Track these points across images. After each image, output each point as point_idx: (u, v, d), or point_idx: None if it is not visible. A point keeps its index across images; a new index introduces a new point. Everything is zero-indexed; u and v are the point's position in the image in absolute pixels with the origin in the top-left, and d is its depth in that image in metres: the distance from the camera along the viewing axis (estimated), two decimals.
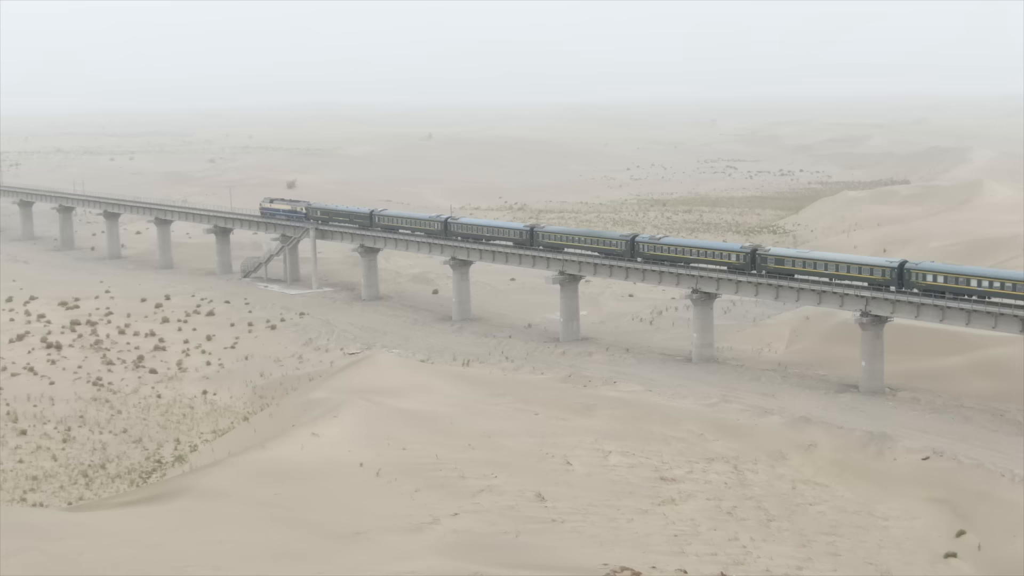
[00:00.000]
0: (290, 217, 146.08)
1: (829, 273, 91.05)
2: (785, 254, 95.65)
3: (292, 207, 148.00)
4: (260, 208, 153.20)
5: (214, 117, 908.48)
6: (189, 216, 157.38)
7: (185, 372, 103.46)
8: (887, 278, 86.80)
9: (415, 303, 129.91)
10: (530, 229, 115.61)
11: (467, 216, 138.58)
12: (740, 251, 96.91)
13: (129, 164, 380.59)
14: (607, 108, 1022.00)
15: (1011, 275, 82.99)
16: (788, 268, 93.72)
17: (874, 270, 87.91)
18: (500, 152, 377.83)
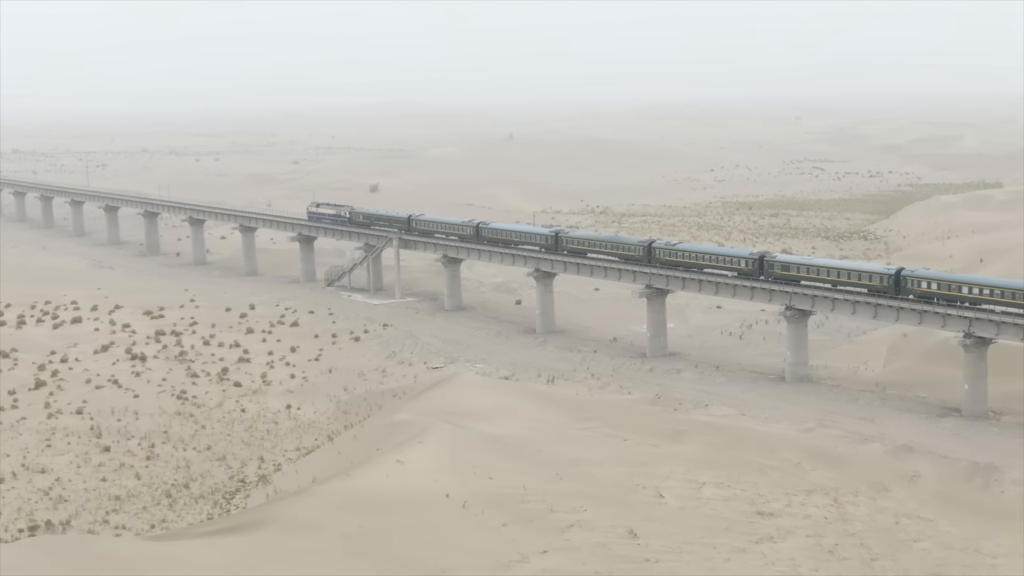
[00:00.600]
0: (334, 221, 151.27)
1: (831, 279, 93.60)
2: (791, 261, 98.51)
3: (336, 211, 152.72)
4: (307, 212, 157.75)
5: (297, 117, 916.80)
6: (273, 224, 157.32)
7: (269, 385, 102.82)
8: (885, 284, 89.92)
9: (498, 314, 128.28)
10: (555, 234, 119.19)
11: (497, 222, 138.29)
12: (749, 257, 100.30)
13: (214, 165, 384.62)
14: (687, 105, 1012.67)
15: (1000, 283, 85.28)
16: (793, 274, 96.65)
17: (872, 276, 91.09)
18: (581, 153, 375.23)
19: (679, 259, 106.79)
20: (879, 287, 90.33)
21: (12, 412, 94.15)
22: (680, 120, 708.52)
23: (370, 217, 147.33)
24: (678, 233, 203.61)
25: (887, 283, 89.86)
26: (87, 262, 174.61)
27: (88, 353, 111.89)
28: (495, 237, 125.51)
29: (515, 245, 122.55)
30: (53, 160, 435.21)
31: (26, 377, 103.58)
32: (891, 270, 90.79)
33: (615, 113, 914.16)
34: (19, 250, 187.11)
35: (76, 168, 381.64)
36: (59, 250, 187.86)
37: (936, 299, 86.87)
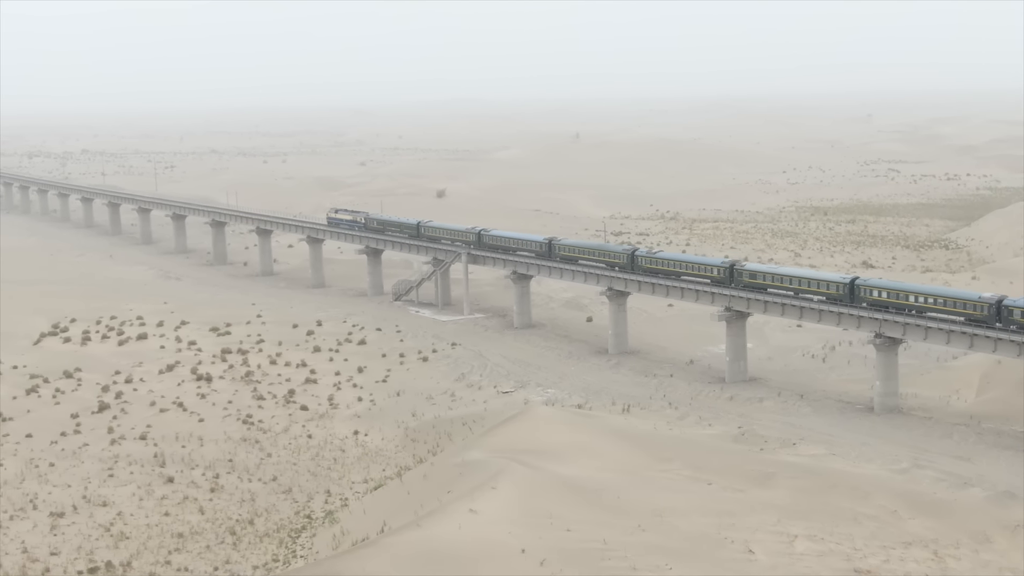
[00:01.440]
0: (351, 227, 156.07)
1: (793, 287, 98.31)
2: (757, 269, 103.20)
3: (353, 217, 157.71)
4: (327, 218, 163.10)
5: (365, 115, 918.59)
6: (341, 236, 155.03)
7: (336, 409, 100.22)
8: (840, 293, 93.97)
9: (569, 332, 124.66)
10: (548, 241, 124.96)
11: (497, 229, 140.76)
12: (720, 265, 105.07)
13: (282, 167, 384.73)
14: (751, 101, 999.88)
15: (943, 292, 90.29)
16: (760, 283, 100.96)
17: (829, 285, 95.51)
18: (649, 154, 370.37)
19: (659, 267, 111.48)
20: (835, 295, 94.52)
21: (75, 438, 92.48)
22: (747, 117, 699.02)
23: (383, 223, 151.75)
24: (752, 242, 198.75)
25: (842, 292, 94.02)
26: (154, 272, 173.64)
27: (153, 373, 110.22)
28: (494, 243, 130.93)
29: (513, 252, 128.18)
30: (122, 161, 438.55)
31: (90, 399, 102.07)
32: (846, 279, 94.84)
33: (679, 110, 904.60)
34: (86, 258, 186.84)
35: (145, 170, 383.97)
36: (126, 259, 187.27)
37: (888, 308, 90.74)
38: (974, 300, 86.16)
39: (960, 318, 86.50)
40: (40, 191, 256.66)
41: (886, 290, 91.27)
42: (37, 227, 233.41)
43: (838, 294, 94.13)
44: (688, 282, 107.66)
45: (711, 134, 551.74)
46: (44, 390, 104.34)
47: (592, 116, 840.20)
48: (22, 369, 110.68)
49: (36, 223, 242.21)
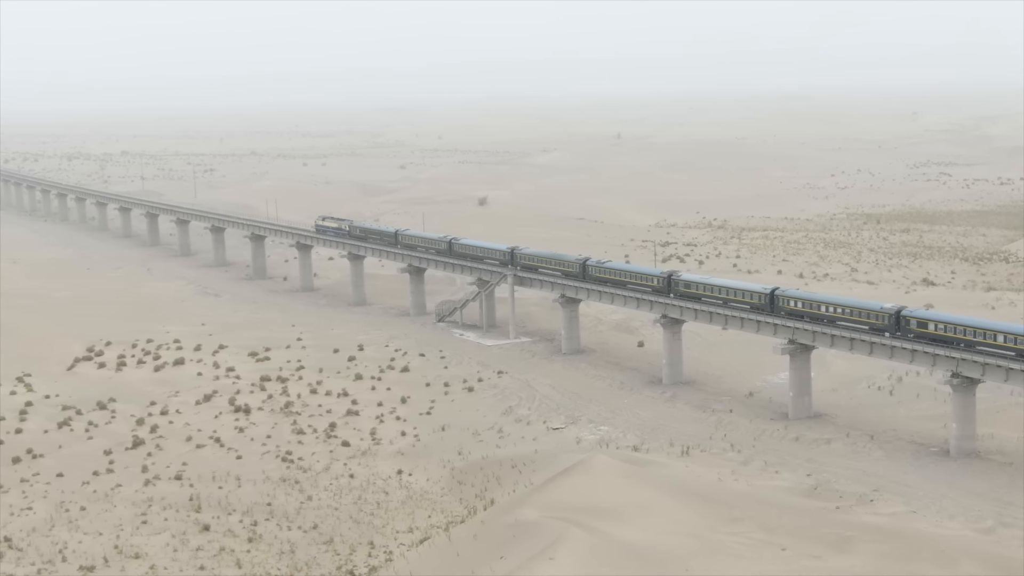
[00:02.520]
0: (338, 234, 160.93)
1: (722, 297, 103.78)
2: (691, 279, 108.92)
3: (339, 225, 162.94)
4: (315, 225, 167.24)
5: (404, 114, 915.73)
6: (383, 254, 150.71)
7: (379, 445, 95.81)
8: (762, 303, 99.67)
9: (619, 358, 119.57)
10: (511, 250, 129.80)
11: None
12: (659, 276, 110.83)
13: (321, 171, 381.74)
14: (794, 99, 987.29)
15: (849, 302, 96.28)
16: (694, 292, 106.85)
17: (753, 295, 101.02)
18: (694, 157, 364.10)
19: (607, 276, 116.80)
20: (758, 304, 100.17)
21: (107, 477, 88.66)
22: (789, 116, 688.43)
23: (366, 232, 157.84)
24: (804, 253, 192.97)
25: (764, 301, 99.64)
26: (192, 287, 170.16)
27: (190, 404, 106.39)
28: (465, 252, 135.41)
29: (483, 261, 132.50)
30: (161, 163, 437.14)
31: (124, 433, 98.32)
32: (767, 290, 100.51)
33: (719, 107, 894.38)
34: (123, 272, 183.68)
35: (184, 173, 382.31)
36: (164, 273, 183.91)
37: (803, 316, 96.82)
38: (876, 310, 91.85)
39: (865, 327, 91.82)
40: (78, 199, 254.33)
41: (801, 300, 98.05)
42: (74, 237, 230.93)
43: (760, 303, 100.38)
44: (632, 290, 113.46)
45: (755, 134, 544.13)
46: (77, 423, 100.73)
47: (631, 113, 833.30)
48: (54, 399, 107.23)
49: (74, 232, 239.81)
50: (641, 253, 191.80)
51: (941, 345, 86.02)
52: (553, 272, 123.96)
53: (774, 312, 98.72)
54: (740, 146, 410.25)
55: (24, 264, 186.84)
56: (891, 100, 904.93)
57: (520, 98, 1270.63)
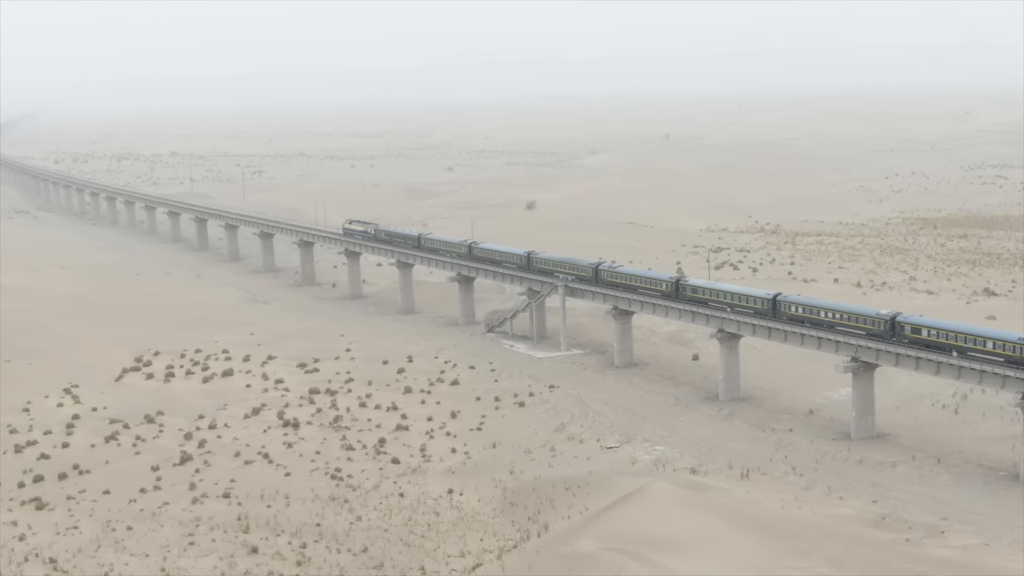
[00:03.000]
0: (364, 237, 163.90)
1: (727, 302, 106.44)
2: (699, 284, 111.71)
3: (364, 228, 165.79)
4: (343, 228, 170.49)
5: (452, 114, 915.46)
6: (432, 262, 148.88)
7: (429, 462, 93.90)
8: (765, 308, 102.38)
9: (673, 372, 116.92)
10: (527, 255, 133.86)
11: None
12: (668, 280, 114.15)
13: (369, 173, 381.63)
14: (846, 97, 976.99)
15: (848, 308, 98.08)
16: (701, 297, 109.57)
17: (755, 300, 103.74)
18: (744, 158, 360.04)
19: (618, 280, 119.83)
20: (761, 309, 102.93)
21: (154, 495, 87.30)
22: (840, 116, 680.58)
23: (390, 234, 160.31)
24: (860, 260, 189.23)
25: (766, 307, 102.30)
26: (241, 294, 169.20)
27: (238, 417, 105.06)
28: (483, 256, 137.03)
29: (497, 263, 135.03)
30: (210, 165, 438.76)
31: (171, 448, 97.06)
32: (769, 295, 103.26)
33: (767, 106, 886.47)
34: (173, 279, 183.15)
35: (233, 175, 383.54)
36: (213, 279, 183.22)
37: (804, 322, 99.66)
38: (872, 316, 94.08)
39: (862, 332, 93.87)
40: (127, 202, 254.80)
41: (802, 306, 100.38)
42: (124, 241, 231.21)
43: (763, 308, 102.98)
44: (642, 294, 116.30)
45: (805, 134, 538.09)
46: (124, 437, 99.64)
47: (679, 113, 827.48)
48: (102, 412, 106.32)
49: (123, 236, 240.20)
50: (693, 260, 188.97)
51: (935, 351, 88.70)
52: (567, 276, 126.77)
53: (776, 317, 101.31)
54: (791, 147, 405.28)
55: (72, 269, 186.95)
56: (942, 99, 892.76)
57: (567, 97, 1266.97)
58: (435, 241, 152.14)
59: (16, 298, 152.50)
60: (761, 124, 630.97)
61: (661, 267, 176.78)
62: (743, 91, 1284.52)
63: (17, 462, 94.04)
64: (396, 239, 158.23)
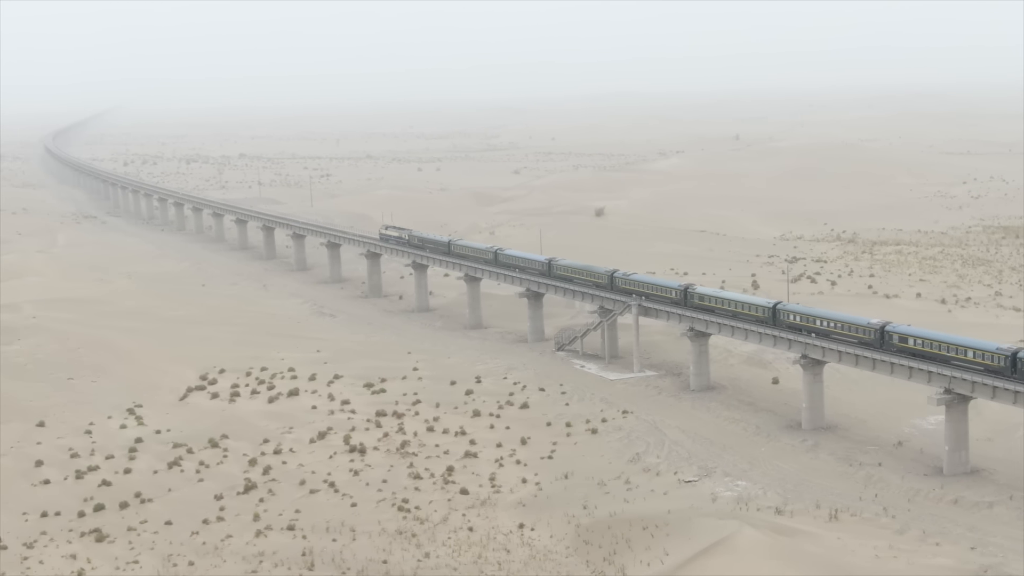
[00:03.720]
0: (399, 242, 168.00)
1: (732, 311, 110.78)
2: (705, 292, 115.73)
3: (399, 234, 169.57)
4: (379, 234, 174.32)
5: (518, 113, 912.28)
6: (500, 277, 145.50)
7: (499, 493, 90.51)
8: (765, 316, 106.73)
9: (753, 397, 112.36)
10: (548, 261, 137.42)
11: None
12: (677, 288, 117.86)
13: (436, 176, 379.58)
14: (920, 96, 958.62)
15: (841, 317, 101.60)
16: (708, 304, 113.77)
17: (757, 309, 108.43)
18: (817, 162, 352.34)
19: (631, 287, 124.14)
20: (761, 318, 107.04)
21: (217, 527, 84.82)
22: (914, 115, 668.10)
23: (423, 241, 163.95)
24: (941, 271, 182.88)
25: (767, 315, 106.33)
26: (307, 306, 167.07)
27: (304, 442, 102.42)
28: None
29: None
30: (278, 168, 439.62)
31: (235, 475, 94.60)
32: (770, 304, 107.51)
33: (838, 104, 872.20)
34: (239, 289, 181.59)
35: (301, 178, 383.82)
36: (280, 290, 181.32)
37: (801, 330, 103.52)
38: (863, 325, 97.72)
39: (854, 340, 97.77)
40: (195, 209, 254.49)
41: (799, 314, 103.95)
42: (191, 249, 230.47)
43: (764, 317, 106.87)
44: (655, 301, 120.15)
45: (879, 136, 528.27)
46: (187, 463, 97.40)
47: (748, 112, 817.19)
48: (165, 435, 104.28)
49: (190, 243, 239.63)
50: (768, 272, 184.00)
51: (921, 359, 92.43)
52: (585, 283, 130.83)
53: (776, 325, 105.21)
54: (865, 150, 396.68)
55: (139, 279, 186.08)
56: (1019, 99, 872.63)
57: (636, 95, 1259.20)
58: (464, 247, 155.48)
59: (83, 311, 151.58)
60: (832, 124, 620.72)
61: (736, 280, 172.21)
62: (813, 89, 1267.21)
63: (78, 489, 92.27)
64: (428, 244, 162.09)
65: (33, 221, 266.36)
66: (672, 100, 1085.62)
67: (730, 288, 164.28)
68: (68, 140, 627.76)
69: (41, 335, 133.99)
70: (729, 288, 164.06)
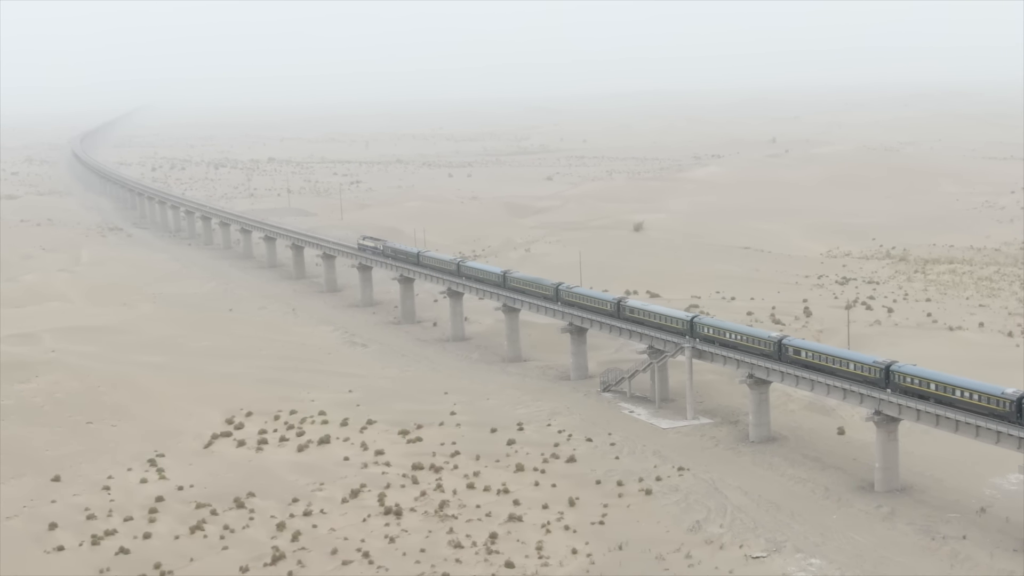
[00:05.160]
0: (374, 252, 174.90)
1: (736, 343, 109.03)
2: (710, 323, 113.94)
3: (375, 244, 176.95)
4: (358, 243, 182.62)
5: (548, 113, 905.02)
6: (540, 309, 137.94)
7: (547, 566, 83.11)
8: (771, 350, 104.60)
9: (818, 451, 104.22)
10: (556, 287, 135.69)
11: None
12: (682, 319, 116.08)
13: (467, 184, 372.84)
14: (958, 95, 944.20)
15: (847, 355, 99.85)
16: (712, 336, 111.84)
17: (763, 342, 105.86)
18: (859, 169, 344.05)
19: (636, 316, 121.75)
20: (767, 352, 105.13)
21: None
22: (953, 116, 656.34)
23: (395, 251, 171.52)
24: (999, 295, 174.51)
25: (772, 348, 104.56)
26: (338, 334, 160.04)
27: (335, 501, 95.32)
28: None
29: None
30: (308, 173, 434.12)
31: (262, 542, 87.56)
32: (775, 337, 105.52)
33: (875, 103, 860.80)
34: (267, 314, 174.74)
35: (330, 185, 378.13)
36: (309, 315, 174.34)
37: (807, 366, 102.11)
38: (869, 364, 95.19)
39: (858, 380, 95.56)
40: (222, 224, 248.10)
41: (804, 350, 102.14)
42: (218, 267, 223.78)
43: (769, 351, 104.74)
44: (657, 330, 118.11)
45: (918, 138, 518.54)
46: (211, 527, 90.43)
47: (783, 110, 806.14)
48: (188, 491, 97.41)
49: (218, 260, 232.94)
50: (819, 295, 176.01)
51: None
52: (590, 309, 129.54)
53: (782, 359, 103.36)
54: (907, 156, 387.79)
55: (163, 302, 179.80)
56: None
57: (666, 94, 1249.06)
58: (431, 259, 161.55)
59: (104, 342, 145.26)
60: (869, 126, 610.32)
61: (787, 306, 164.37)
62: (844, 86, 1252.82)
63: (94, 557, 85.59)
64: (399, 255, 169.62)
65: (58, 234, 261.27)
66: (701, 98, 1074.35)
67: (782, 316, 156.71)
68: (96, 142, 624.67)
69: (60, 371, 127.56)
70: (781, 316, 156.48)
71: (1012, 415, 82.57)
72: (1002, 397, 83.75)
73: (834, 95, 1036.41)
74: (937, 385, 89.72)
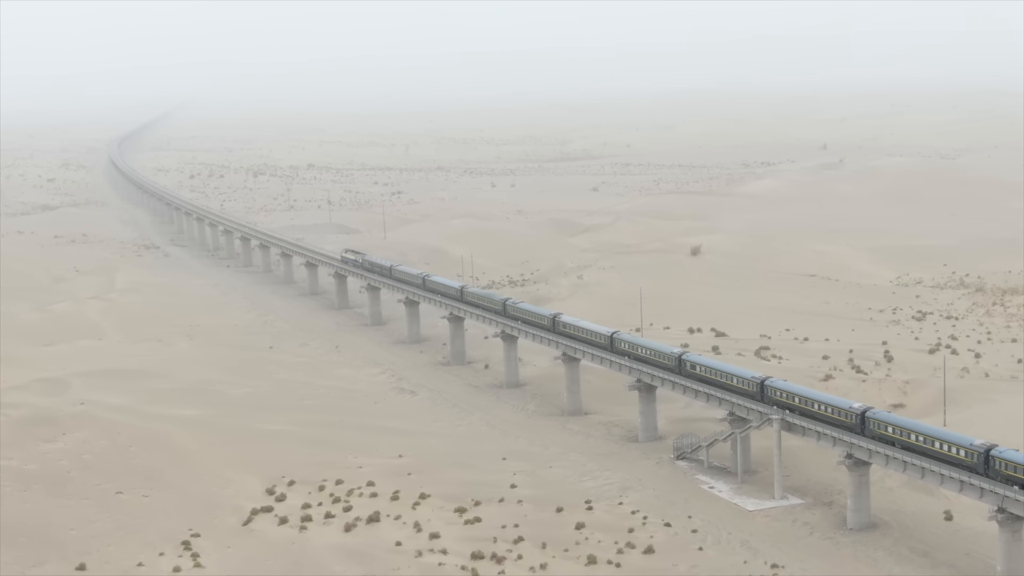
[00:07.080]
0: (356, 265, 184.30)
1: (722, 381, 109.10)
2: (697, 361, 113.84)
3: (356, 257, 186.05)
4: (341, 256, 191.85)
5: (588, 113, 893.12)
6: (604, 361, 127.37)
7: None
8: (753, 390, 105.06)
9: (925, 542, 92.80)
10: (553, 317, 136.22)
11: None
12: (671, 354, 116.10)
13: (511, 195, 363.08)
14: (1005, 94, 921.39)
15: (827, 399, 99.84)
16: (699, 374, 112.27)
17: (744, 382, 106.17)
18: (921, 183, 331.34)
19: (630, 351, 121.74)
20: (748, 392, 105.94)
21: None
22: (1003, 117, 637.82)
23: (372, 264, 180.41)
24: None
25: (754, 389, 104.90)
26: (384, 377, 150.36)
27: None
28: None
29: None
30: (348, 183, 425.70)
31: None
32: (758, 378, 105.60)
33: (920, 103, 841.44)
34: (309, 351, 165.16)
35: (371, 196, 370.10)
36: (354, 353, 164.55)
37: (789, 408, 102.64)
38: (845, 408, 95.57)
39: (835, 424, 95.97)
40: (262, 246, 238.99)
41: (786, 392, 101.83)
42: (258, 293, 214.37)
43: (751, 391, 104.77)
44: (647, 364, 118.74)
45: (972, 145, 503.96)
46: None
47: (828, 110, 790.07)
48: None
49: (258, 285, 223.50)
50: (897, 333, 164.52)
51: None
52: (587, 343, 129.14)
53: (764, 400, 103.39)
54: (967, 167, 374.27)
55: (201, 337, 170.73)
56: None
57: (704, 91, 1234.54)
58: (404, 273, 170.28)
59: (137, 389, 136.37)
60: (921, 130, 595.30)
61: (865, 349, 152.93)
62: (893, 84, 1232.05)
63: None
64: (376, 269, 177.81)
65: (92, 253, 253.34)
66: (744, 98, 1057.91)
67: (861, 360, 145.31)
68: (133, 146, 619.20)
69: (88, 428, 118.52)
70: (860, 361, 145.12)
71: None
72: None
73: (879, 94, 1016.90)
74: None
